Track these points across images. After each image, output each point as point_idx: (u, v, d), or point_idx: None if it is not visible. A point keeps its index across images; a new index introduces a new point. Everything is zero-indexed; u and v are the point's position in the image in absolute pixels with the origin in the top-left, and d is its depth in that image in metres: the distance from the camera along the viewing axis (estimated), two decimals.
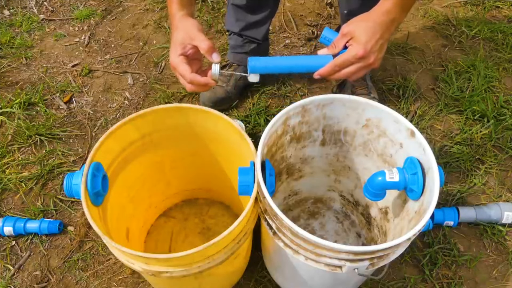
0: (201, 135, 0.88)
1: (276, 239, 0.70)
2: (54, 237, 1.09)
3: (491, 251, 1.06)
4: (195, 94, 1.38)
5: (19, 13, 1.66)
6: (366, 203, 0.99)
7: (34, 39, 1.58)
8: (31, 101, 1.36)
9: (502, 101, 1.33)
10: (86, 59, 1.51)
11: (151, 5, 1.69)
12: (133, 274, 1.02)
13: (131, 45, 1.56)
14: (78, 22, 1.63)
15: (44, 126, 1.29)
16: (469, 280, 1.01)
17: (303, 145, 0.89)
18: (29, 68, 1.48)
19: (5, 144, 1.26)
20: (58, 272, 1.03)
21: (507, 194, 1.15)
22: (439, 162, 1.19)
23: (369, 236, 1.00)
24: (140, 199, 0.97)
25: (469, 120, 1.29)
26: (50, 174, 1.19)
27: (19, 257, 1.06)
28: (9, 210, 1.13)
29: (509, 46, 1.49)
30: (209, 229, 1.08)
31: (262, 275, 1.01)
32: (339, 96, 0.78)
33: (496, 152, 1.23)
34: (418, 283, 1.00)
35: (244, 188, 0.70)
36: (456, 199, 1.13)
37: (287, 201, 1.07)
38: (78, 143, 1.28)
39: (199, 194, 1.13)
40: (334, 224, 1.07)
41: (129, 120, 0.79)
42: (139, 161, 0.88)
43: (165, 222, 1.09)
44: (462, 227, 1.09)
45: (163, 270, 0.68)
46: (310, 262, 0.67)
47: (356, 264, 0.65)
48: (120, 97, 1.39)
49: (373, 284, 0.99)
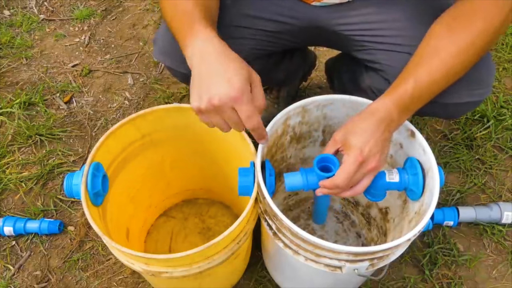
0: (201, 135, 0.88)
1: (276, 240, 0.70)
2: (54, 237, 1.09)
3: (491, 251, 1.06)
4: None
5: (19, 13, 1.66)
6: (366, 203, 0.99)
7: (34, 39, 1.58)
8: (31, 101, 1.36)
9: (502, 101, 1.33)
10: (86, 59, 1.51)
11: (151, 5, 1.69)
12: (133, 274, 1.02)
13: (131, 45, 1.56)
14: (78, 22, 1.63)
15: (44, 126, 1.29)
16: (469, 280, 1.01)
17: (303, 145, 0.89)
18: (29, 68, 1.48)
19: (5, 144, 1.26)
20: (58, 272, 1.03)
21: (507, 194, 1.15)
22: (439, 162, 1.19)
23: (369, 236, 1.01)
24: (140, 199, 0.97)
25: (469, 120, 1.29)
26: (50, 174, 1.19)
27: (19, 257, 1.06)
28: (9, 210, 1.13)
29: (509, 46, 1.49)
30: (209, 229, 1.08)
31: (262, 275, 1.01)
32: (339, 97, 0.78)
33: (496, 152, 1.23)
34: (418, 283, 1.00)
35: (244, 189, 0.70)
36: (456, 199, 1.13)
37: (287, 201, 1.07)
38: (78, 143, 1.28)
39: (199, 194, 1.13)
40: (334, 224, 1.07)
41: (129, 120, 0.79)
42: (139, 161, 0.88)
43: (165, 222, 1.09)
44: (462, 227, 1.09)
45: (163, 270, 0.68)
46: (310, 263, 0.67)
47: (356, 265, 0.65)
48: (120, 97, 1.39)
49: (373, 284, 0.99)
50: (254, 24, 0.83)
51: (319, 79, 1.42)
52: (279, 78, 1.08)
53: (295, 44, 0.92)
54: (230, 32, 0.79)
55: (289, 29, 0.85)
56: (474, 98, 0.75)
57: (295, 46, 0.96)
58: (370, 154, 0.62)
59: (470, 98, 0.74)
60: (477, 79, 0.73)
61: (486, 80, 0.75)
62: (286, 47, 0.93)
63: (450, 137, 1.25)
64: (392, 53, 0.78)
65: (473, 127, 1.27)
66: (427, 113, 0.79)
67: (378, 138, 0.63)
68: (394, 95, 0.64)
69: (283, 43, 0.89)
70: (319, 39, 0.91)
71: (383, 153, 0.64)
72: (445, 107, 0.76)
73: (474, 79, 0.71)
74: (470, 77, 0.67)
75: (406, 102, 0.64)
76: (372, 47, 0.81)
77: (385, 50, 0.79)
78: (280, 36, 0.86)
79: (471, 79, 0.69)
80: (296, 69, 1.13)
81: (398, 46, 0.78)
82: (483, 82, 0.74)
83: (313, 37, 0.89)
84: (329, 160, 0.67)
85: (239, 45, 0.81)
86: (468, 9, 0.63)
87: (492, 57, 0.77)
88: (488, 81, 0.75)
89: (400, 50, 0.77)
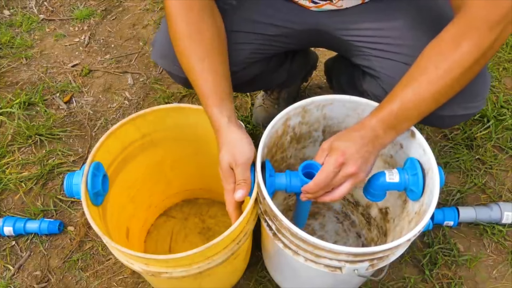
0: (201, 135, 0.88)
1: (276, 240, 0.70)
2: (54, 237, 1.09)
3: (491, 251, 1.06)
4: (195, 94, 1.38)
5: (19, 13, 1.66)
6: (366, 204, 0.99)
7: (34, 39, 1.58)
8: (31, 101, 1.36)
9: (502, 101, 1.33)
10: (86, 59, 1.51)
11: (151, 5, 1.69)
12: (133, 274, 1.02)
13: (131, 45, 1.56)
14: (78, 22, 1.63)
15: (44, 126, 1.29)
16: (469, 280, 1.01)
17: (303, 145, 0.89)
18: (29, 68, 1.48)
19: (5, 144, 1.26)
20: (58, 272, 1.03)
21: (507, 194, 1.15)
22: (439, 162, 1.19)
23: (369, 236, 1.01)
24: (140, 198, 0.97)
25: (469, 120, 1.29)
26: (50, 174, 1.19)
27: (19, 257, 1.06)
28: (9, 210, 1.13)
29: (509, 46, 1.49)
30: (209, 229, 1.08)
31: (262, 275, 1.01)
32: (339, 97, 0.78)
33: (496, 152, 1.23)
34: (418, 283, 1.00)
35: None
36: (456, 199, 1.13)
37: (287, 202, 1.07)
38: (78, 143, 1.28)
39: (199, 194, 1.13)
40: (334, 224, 1.07)
41: (129, 120, 0.79)
42: (139, 161, 0.88)
43: (165, 221, 1.09)
44: (462, 227, 1.09)
45: (162, 270, 0.68)
46: (309, 263, 0.67)
47: (356, 265, 0.65)
48: (120, 97, 1.39)
49: (373, 284, 0.99)
50: (254, 29, 0.83)
51: (319, 79, 1.42)
52: (281, 80, 1.08)
53: (296, 46, 0.92)
54: (229, 37, 0.79)
55: (289, 32, 0.85)
56: (469, 111, 0.76)
57: (295, 48, 0.96)
58: (351, 157, 0.64)
59: (465, 111, 0.75)
60: (472, 93, 0.73)
61: (481, 94, 0.76)
62: (287, 50, 0.94)
63: (450, 137, 1.25)
64: (388, 61, 0.79)
65: (473, 127, 1.27)
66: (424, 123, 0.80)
67: (361, 147, 0.65)
68: (380, 114, 0.66)
69: (283, 46, 0.89)
70: (319, 42, 0.92)
71: (365, 163, 0.65)
72: (441, 119, 0.77)
73: (469, 93, 0.71)
74: (465, 91, 0.68)
75: (392, 122, 0.66)
76: (369, 53, 0.82)
77: (381, 57, 0.80)
78: (280, 40, 0.87)
79: (466, 93, 0.69)
80: (298, 70, 1.13)
81: (394, 54, 0.78)
82: (478, 96, 0.75)
83: (313, 40, 0.90)
84: (314, 167, 0.68)
85: (239, 50, 0.82)
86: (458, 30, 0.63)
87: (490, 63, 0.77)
88: (483, 94, 0.76)
89: (397, 59, 0.77)
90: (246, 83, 0.93)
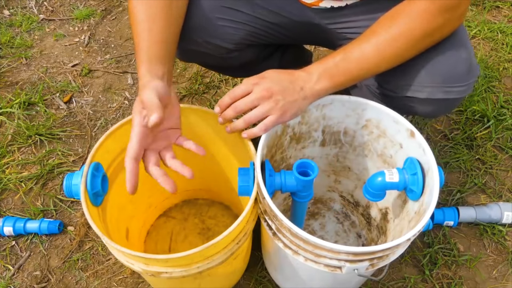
0: (201, 136, 0.88)
1: (276, 240, 0.70)
2: (54, 237, 1.09)
3: (491, 251, 1.06)
4: (195, 94, 1.38)
5: (19, 13, 1.66)
6: (366, 204, 0.99)
7: (34, 39, 1.58)
8: (31, 101, 1.36)
9: (502, 101, 1.32)
10: (86, 59, 1.51)
11: None
12: (133, 274, 1.02)
13: (131, 45, 1.55)
14: (78, 22, 1.63)
15: (44, 126, 1.29)
16: (469, 280, 1.01)
17: (303, 145, 0.89)
18: (29, 68, 1.48)
19: (5, 144, 1.26)
20: (58, 272, 1.03)
21: (507, 194, 1.15)
22: (439, 162, 1.19)
23: (369, 236, 1.01)
24: (140, 199, 0.97)
25: (469, 120, 1.29)
26: (50, 174, 1.19)
27: (19, 257, 1.06)
28: (9, 210, 1.13)
29: (509, 46, 1.48)
30: (209, 229, 1.08)
31: (262, 275, 1.01)
32: (338, 97, 0.78)
33: (496, 152, 1.23)
34: (418, 283, 1.00)
35: (244, 189, 0.70)
36: (456, 199, 1.13)
37: (287, 202, 1.07)
38: (78, 143, 1.28)
39: (199, 195, 1.13)
40: (334, 224, 1.07)
41: (129, 120, 0.79)
42: None
43: (165, 222, 1.09)
44: (462, 227, 1.09)
45: (162, 270, 0.68)
46: (309, 263, 0.67)
47: (355, 265, 0.65)
48: (120, 97, 1.39)
49: (373, 284, 0.99)
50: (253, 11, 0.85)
51: None
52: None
53: (292, 40, 0.94)
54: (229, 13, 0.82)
55: (286, 22, 0.87)
56: (450, 95, 0.76)
57: (291, 42, 0.98)
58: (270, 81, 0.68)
59: (446, 95, 0.76)
60: (453, 76, 0.74)
61: (464, 79, 0.75)
62: (282, 42, 0.96)
63: (450, 137, 1.25)
64: None
65: (473, 127, 1.27)
66: (406, 109, 0.81)
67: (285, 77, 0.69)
68: (322, 60, 0.71)
69: (279, 37, 0.91)
70: (315, 37, 0.94)
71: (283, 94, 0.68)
72: (422, 104, 0.78)
73: (448, 75, 0.73)
74: (444, 72, 0.71)
75: (332, 70, 0.70)
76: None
77: None
78: (276, 29, 0.89)
79: (445, 75, 0.72)
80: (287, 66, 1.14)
81: None
82: (460, 80, 0.75)
83: (309, 34, 0.92)
84: (308, 166, 0.69)
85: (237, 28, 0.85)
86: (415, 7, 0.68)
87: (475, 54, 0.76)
88: (467, 80, 0.76)
89: None
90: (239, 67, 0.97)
